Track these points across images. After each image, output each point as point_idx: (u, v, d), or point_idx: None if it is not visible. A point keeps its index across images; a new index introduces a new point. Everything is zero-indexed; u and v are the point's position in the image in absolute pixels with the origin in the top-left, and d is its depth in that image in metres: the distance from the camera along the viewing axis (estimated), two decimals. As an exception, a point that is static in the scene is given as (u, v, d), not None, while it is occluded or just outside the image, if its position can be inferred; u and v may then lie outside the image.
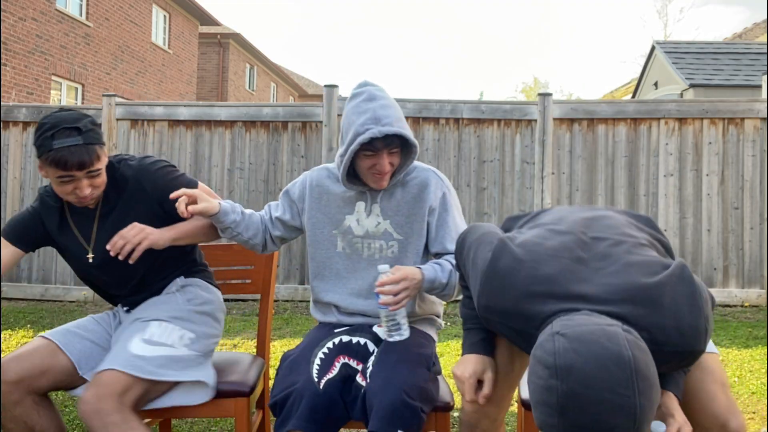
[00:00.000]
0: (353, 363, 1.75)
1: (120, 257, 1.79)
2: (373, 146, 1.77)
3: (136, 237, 1.79)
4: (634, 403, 1.08)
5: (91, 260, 1.96)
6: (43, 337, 1.88)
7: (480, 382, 1.54)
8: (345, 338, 1.82)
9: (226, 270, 2.35)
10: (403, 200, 1.92)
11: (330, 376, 1.69)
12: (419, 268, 1.78)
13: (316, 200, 1.96)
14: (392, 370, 1.64)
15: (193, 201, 1.82)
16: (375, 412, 1.57)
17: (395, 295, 1.69)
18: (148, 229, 1.82)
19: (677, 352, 1.27)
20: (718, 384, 1.49)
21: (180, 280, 2.05)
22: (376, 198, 1.92)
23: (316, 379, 1.67)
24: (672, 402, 1.37)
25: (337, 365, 1.72)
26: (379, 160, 1.80)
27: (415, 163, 1.99)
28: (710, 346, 1.58)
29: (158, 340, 1.83)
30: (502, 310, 1.36)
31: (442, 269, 1.80)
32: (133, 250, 1.80)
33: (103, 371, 1.75)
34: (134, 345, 1.80)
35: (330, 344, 1.79)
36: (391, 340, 1.74)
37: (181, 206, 1.79)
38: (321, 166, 2.03)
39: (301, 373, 1.70)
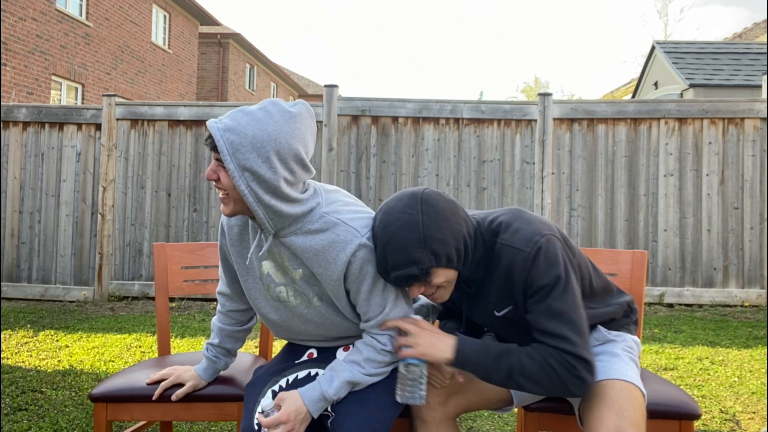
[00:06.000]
0: None
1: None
2: None
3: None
4: (418, 219, 1.43)
5: None
6: None
7: None
8: (302, 374, 1.65)
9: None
10: (304, 252, 1.55)
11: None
12: (301, 395, 1.52)
13: (235, 242, 1.67)
14: (359, 405, 1.55)
15: (179, 384, 1.84)
16: None
17: None
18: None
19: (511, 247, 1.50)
20: (608, 409, 1.46)
21: None
22: (280, 244, 1.58)
23: (255, 428, 1.56)
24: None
25: None
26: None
27: (326, 212, 1.55)
28: (617, 371, 1.56)
29: None
30: None
31: (331, 377, 1.54)
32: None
33: None
34: None
35: (283, 382, 1.64)
36: None
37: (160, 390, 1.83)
38: None
39: (249, 408, 1.61)
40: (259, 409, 1.59)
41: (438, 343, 1.50)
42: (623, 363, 1.60)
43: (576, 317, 1.44)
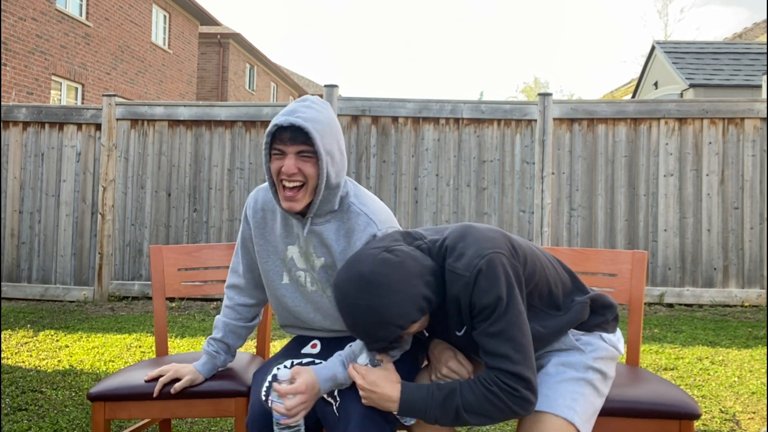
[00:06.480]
0: None
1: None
2: (281, 141, 1.55)
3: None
4: (373, 304, 1.40)
5: None
6: None
7: None
8: (305, 361, 1.71)
9: (225, 269, 2.34)
10: (336, 239, 1.67)
11: None
12: (315, 371, 1.56)
13: (260, 225, 1.78)
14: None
15: (176, 380, 1.83)
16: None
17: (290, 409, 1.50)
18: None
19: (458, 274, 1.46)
20: None
21: None
22: (310, 231, 1.68)
23: (263, 397, 1.61)
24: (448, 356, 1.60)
25: None
26: (284, 161, 1.56)
27: (354, 203, 1.69)
28: (553, 404, 1.52)
29: None
30: None
31: (343, 362, 1.59)
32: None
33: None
34: None
35: (288, 363, 1.70)
36: None
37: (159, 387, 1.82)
38: (266, 185, 1.77)
39: (257, 390, 1.67)
40: (272, 377, 1.63)
41: (379, 399, 1.50)
42: (567, 392, 1.54)
43: (516, 334, 1.43)
